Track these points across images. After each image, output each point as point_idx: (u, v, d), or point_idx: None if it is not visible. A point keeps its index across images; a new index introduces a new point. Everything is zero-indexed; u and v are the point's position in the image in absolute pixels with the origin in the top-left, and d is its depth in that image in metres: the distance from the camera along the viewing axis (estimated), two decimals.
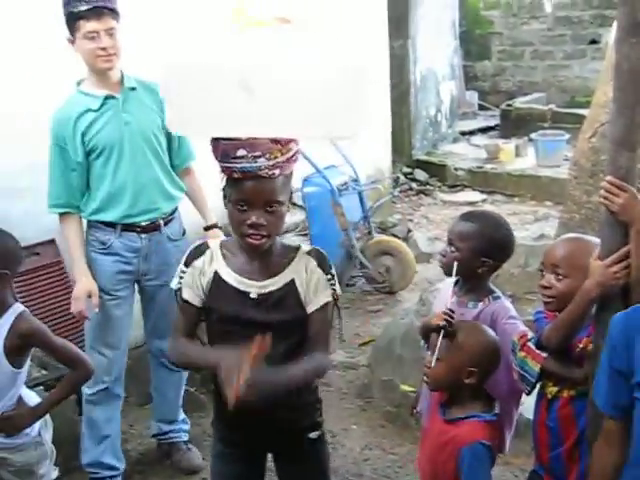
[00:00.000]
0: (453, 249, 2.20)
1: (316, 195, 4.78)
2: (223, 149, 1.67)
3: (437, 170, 7.95)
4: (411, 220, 6.64)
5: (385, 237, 5.23)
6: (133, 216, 2.81)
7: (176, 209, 2.97)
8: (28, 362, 2.26)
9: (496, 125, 9.45)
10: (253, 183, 1.68)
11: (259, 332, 1.71)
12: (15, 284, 3.52)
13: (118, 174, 2.76)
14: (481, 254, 2.15)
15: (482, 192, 7.41)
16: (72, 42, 2.66)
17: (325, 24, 4.80)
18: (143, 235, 2.83)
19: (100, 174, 2.77)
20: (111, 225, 2.81)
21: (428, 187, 7.73)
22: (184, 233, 3.01)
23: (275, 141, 1.65)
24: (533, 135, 7.80)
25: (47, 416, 2.33)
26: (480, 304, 2.18)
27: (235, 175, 1.69)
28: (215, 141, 1.70)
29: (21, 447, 2.25)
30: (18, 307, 2.19)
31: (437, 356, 1.94)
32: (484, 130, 9.53)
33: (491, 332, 2.02)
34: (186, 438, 3.20)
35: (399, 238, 5.51)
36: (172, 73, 1.62)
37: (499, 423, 2.05)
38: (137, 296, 3.06)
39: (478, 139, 9.07)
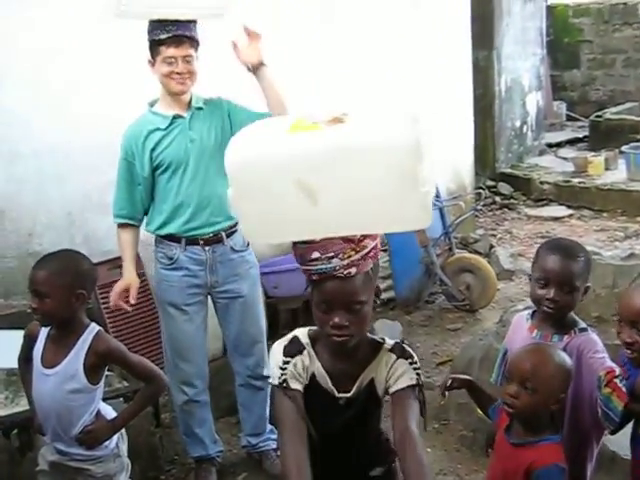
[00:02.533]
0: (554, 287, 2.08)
1: None
2: (299, 253, 1.69)
3: (522, 184, 7.75)
4: (494, 235, 6.49)
5: (466, 254, 5.14)
6: (195, 229, 2.92)
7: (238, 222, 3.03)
8: (104, 378, 2.35)
9: (585, 137, 9.15)
10: (331, 284, 1.67)
11: (340, 435, 1.78)
12: (101, 297, 3.71)
13: (182, 189, 2.90)
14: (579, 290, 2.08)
15: (569, 207, 7.17)
16: (152, 64, 2.86)
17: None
18: (207, 247, 2.94)
19: (165, 189, 2.92)
20: (176, 240, 2.94)
21: (512, 201, 7.55)
22: (249, 244, 3.07)
23: (348, 240, 1.63)
24: (624, 147, 7.49)
25: (123, 429, 2.41)
26: (565, 337, 2.09)
27: (313, 277, 1.70)
28: (294, 245, 1.71)
29: (101, 459, 2.34)
30: (94, 327, 2.29)
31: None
32: (572, 142, 9.24)
33: (561, 353, 1.95)
34: (275, 446, 3.25)
35: (481, 254, 5.40)
36: (237, 177, 1.63)
37: (581, 453, 1.97)
38: (212, 309, 3.12)
39: (565, 151, 8.79)
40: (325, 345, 1.80)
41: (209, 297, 3.08)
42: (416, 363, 1.79)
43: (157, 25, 2.78)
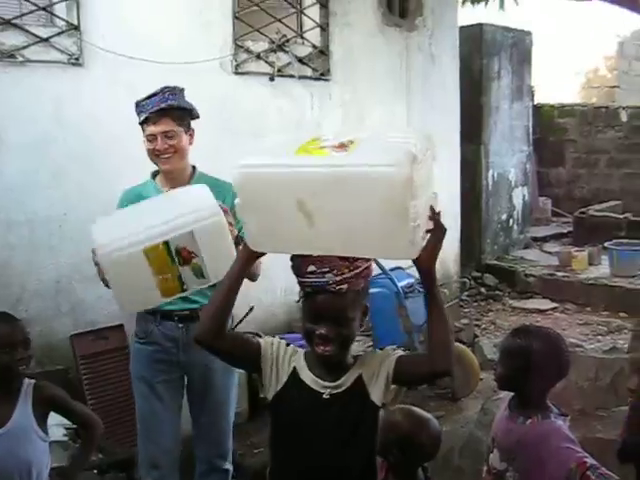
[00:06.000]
0: (500, 365, 2.15)
1: (381, 296, 4.77)
2: (297, 265, 1.78)
3: (507, 275, 7.83)
4: (478, 325, 6.51)
5: None
6: (170, 303, 2.71)
7: None
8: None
9: (569, 232, 9.32)
10: (323, 297, 1.76)
11: (326, 429, 1.79)
12: (82, 367, 3.70)
13: None
14: (528, 372, 2.07)
15: (553, 300, 7.21)
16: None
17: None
18: (180, 324, 2.78)
19: None
20: (151, 313, 2.78)
21: (497, 292, 7.60)
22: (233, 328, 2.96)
23: (343, 258, 1.72)
24: (607, 243, 7.64)
25: None
26: (529, 421, 2.10)
27: (307, 289, 1.78)
28: (292, 257, 1.80)
29: None
30: (28, 381, 2.29)
31: None
32: (557, 237, 9.40)
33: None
34: None
35: (464, 344, 5.40)
36: (242, 188, 1.70)
37: None
38: None
39: (550, 246, 8.94)
40: (312, 356, 1.86)
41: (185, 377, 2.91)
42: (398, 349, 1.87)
43: (138, 104, 2.73)
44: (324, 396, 1.82)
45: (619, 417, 3.87)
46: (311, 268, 1.73)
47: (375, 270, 4.69)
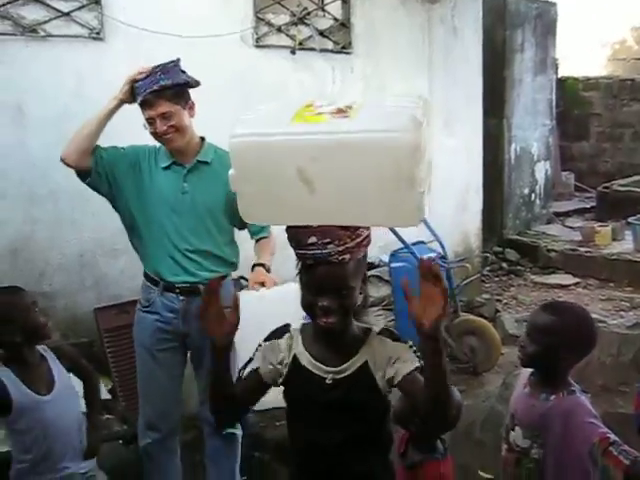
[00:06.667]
0: (530, 342, 2.12)
1: (403, 271, 4.76)
2: (296, 237, 1.73)
3: (529, 250, 7.79)
4: (499, 300, 6.49)
5: (471, 317, 5.12)
6: (172, 275, 2.83)
7: (223, 278, 2.94)
8: None
9: (592, 207, 9.23)
10: (324, 269, 1.71)
11: (334, 414, 1.75)
12: (106, 340, 3.74)
13: (162, 236, 2.80)
14: (560, 350, 2.06)
15: (575, 275, 7.17)
16: None
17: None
18: (182, 297, 2.83)
19: (143, 230, 2.83)
20: (155, 283, 2.85)
21: (519, 267, 7.57)
22: None
23: (344, 227, 1.68)
24: (631, 219, 7.54)
25: None
26: (552, 397, 2.09)
27: (308, 262, 1.73)
28: (289, 229, 1.75)
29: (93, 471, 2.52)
30: (43, 347, 2.42)
31: None
32: (579, 212, 9.32)
33: None
34: None
35: (486, 318, 5.39)
36: (238, 158, 1.65)
37: None
38: None
39: (573, 221, 8.86)
40: (311, 332, 1.84)
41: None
42: (413, 345, 1.79)
43: (134, 89, 2.71)
44: (327, 381, 1.79)
45: None
46: (312, 239, 1.68)
47: (396, 244, 4.69)
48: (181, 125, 2.74)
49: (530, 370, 2.22)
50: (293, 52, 4.77)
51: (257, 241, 3.03)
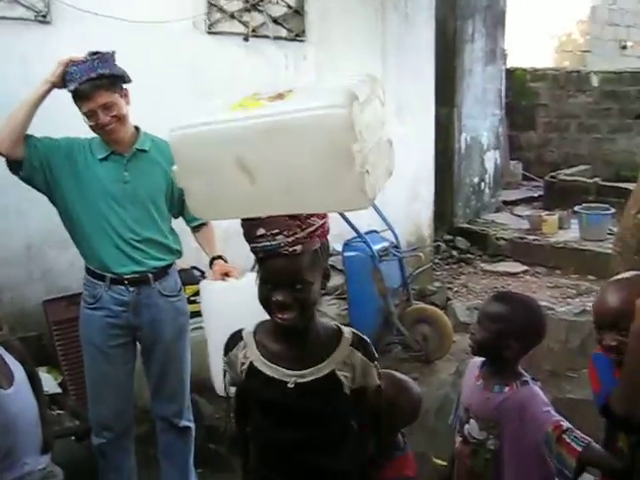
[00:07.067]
0: (480, 328, 2.14)
1: (356, 260, 4.78)
2: (246, 230, 1.66)
3: (478, 239, 7.91)
4: (450, 288, 6.58)
5: (423, 305, 5.18)
6: (120, 267, 2.76)
7: (170, 266, 2.91)
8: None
9: (539, 196, 9.41)
10: (276, 262, 1.63)
11: (297, 422, 1.70)
12: (55, 333, 3.64)
13: (106, 228, 2.74)
14: (508, 337, 2.08)
15: (523, 263, 7.33)
16: None
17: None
18: (131, 288, 2.78)
19: (85, 224, 2.76)
20: (100, 277, 2.78)
21: (469, 256, 7.68)
22: (180, 290, 2.96)
23: (293, 217, 1.60)
24: (577, 208, 7.73)
25: None
26: (506, 389, 2.11)
27: (259, 255, 1.67)
28: (242, 222, 1.69)
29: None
30: None
31: None
32: (527, 201, 9.50)
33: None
34: None
35: (438, 306, 5.46)
36: (179, 151, 1.60)
37: None
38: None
39: (521, 209, 9.03)
40: (271, 328, 1.77)
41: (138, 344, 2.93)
42: (377, 363, 1.78)
43: (66, 74, 2.60)
44: (289, 385, 1.71)
45: (588, 378, 3.97)
46: (260, 231, 1.60)
47: (350, 233, 4.70)
48: (122, 114, 2.69)
49: (479, 362, 2.24)
50: (246, 39, 4.71)
51: (195, 229, 3.02)
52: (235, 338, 1.83)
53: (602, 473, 2.03)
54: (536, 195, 9.53)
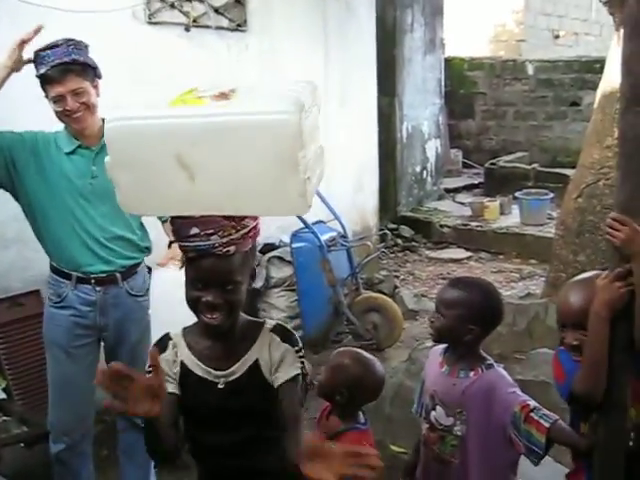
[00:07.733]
0: (439, 316, 2.15)
1: (305, 251, 4.77)
2: (178, 228, 1.63)
3: (422, 227, 8.00)
4: (397, 277, 6.63)
5: (372, 294, 5.20)
6: (87, 265, 2.69)
7: (138, 265, 2.85)
8: None
9: (480, 183, 9.58)
10: (208, 262, 1.61)
11: (231, 417, 1.70)
12: None
13: (73, 225, 2.66)
14: (468, 322, 2.09)
15: (467, 249, 7.45)
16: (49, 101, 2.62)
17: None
18: (98, 288, 2.71)
19: (51, 220, 2.66)
20: (66, 276, 2.70)
21: (413, 243, 7.76)
22: (147, 290, 2.89)
23: (228, 217, 1.59)
24: (517, 193, 7.90)
25: None
26: (472, 373, 2.12)
27: (190, 254, 1.64)
28: (172, 220, 1.65)
29: None
30: None
31: None
32: (468, 188, 9.66)
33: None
34: None
35: (386, 295, 5.49)
36: (113, 143, 1.56)
37: None
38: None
39: (463, 197, 9.18)
40: (198, 330, 1.75)
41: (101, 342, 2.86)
42: (301, 351, 1.75)
43: (37, 54, 2.53)
44: (219, 386, 1.72)
45: (535, 359, 4.06)
46: (194, 230, 1.58)
47: (296, 224, 4.67)
48: (91, 103, 2.60)
49: (440, 349, 2.26)
50: (187, 29, 4.62)
51: (165, 222, 2.93)
52: (163, 342, 1.79)
53: (572, 452, 2.08)
54: (477, 182, 9.71)
